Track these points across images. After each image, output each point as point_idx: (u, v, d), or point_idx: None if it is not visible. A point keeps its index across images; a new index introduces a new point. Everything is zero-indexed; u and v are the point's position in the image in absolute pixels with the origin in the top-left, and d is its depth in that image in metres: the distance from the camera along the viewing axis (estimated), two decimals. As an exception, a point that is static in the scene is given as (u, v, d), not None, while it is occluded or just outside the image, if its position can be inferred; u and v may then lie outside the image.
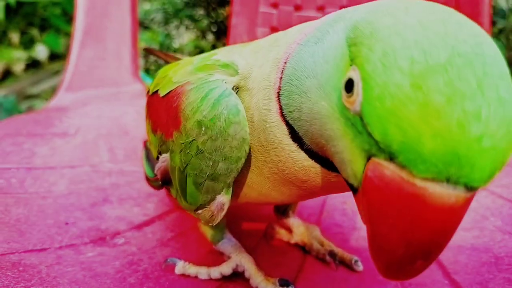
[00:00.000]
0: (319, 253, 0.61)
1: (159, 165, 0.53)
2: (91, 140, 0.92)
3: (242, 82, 0.46)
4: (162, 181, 0.56)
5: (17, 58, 3.05)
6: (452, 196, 0.27)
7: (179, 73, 0.51)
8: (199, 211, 0.48)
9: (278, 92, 0.41)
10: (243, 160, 0.43)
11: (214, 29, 1.98)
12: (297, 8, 1.25)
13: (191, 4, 1.89)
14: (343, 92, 0.31)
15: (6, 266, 0.54)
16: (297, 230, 0.65)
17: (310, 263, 0.61)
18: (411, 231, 0.28)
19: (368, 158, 0.30)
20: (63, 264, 0.57)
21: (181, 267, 0.57)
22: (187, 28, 2.00)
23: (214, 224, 0.49)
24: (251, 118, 0.44)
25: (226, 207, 0.47)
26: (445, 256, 0.62)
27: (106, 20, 1.27)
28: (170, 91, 0.50)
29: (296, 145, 0.40)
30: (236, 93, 0.45)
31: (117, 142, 0.93)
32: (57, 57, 3.08)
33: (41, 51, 3.19)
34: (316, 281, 0.57)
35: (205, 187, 0.45)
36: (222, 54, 0.52)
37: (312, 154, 0.40)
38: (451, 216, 0.28)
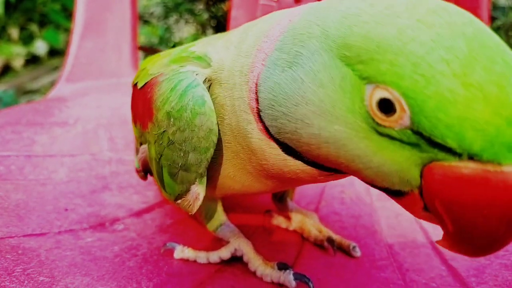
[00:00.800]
0: (317, 239, 0.62)
1: (140, 156, 0.54)
2: (91, 130, 0.92)
3: (215, 75, 0.45)
4: (144, 172, 0.57)
5: (17, 53, 3.05)
6: None
7: (156, 65, 0.52)
8: (178, 201, 0.49)
9: (257, 113, 0.40)
10: (211, 150, 0.43)
11: (213, 24, 1.98)
12: (297, 0, 1.25)
13: (191, -2, 1.90)
14: (377, 113, 0.31)
15: (6, 249, 0.54)
16: (295, 217, 0.65)
17: (308, 249, 0.61)
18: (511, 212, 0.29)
19: (427, 162, 0.31)
20: (62, 248, 0.57)
21: (180, 251, 0.57)
22: (186, 22, 2.00)
23: (192, 213, 0.49)
24: (229, 120, 0.44)
25: (201, 197, 0.47)
26: (443, 243, 0.62)
27: (107, 12, 1.27)
28: (146, 83, 0.50)
29: (289, 156, 0.40)
30: (209, 86, 0.45)
31: (117, 132, 0.93)
32: (57, 52, 3.08)
33: (40, 47, 3.19)
34: (314, 266, 0.57)
35: (180, 177, 0.46)
36: (199, 45, 0.52)
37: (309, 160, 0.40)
38: None
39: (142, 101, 0.50)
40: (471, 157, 0.28)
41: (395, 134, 0.31)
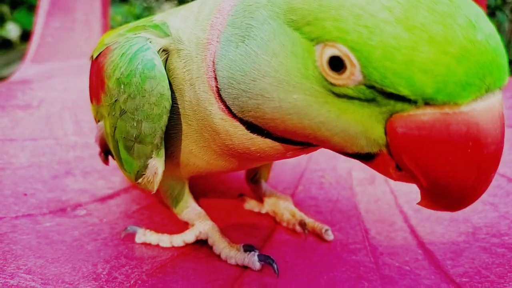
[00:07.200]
0: (289, 223, 0.64)
1: (97, 134, 0.56)
2: (56, 113, 0.94)
3: (173, 46, 0.47)
4: (104, 153, 0.59)
5: (-14, 38, 3.04)
6: (496, 102, 0.31)
7: (112, 36, 0.54)
8: (139, 180, 0.51)
9: (217, 92, 0.42)
10: (165, 117, 0.45)
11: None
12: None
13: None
14: (329, 72, 0.33)
15: (-43, 233, 0.56)
16: (268, 200, 0.68)
17: (279, 232, 0.64)
18: (478, 152, 0.31)
19: (388, 117, 0.33)
20: (18, 232, 0.59)
21: (142, 235, 0.59)
22: (166, 0, 2.01)
23: (154, 191, 0.51)
24: (189, 96, 0.46)
25: (160, 172, 0.49)
26: (421, 227, 0.65)
27: (75, -12, 1.29)
28: (99, 53, 0.52)
29: (256, 135, 0.43)
30: (167, 57, 0.47)
31: (83, 115, 0.95)
32: (30, 36, 3.07)
33: (12, 30, 3.18)
34: (283, 249, 0.60)
35: (136, 151, 0.48)
36: (163, 14, 0.54)
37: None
38: (501, 118, 0.32)
39: (95, 72, 0.53)
40: (427, 103, 0.30)
41: (351, 93, 0.33)
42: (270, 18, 0.36)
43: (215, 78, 0.42)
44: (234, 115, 0.42)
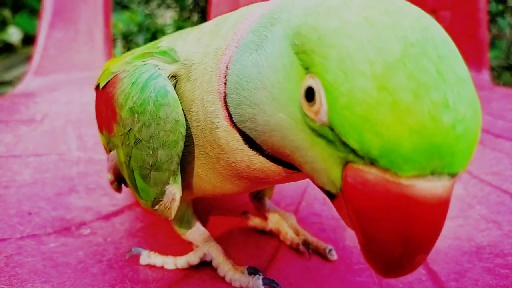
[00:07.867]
0: (293, 242, 0.64)
1: (109, 164, 0.56)
2: (59, 127, 0.95)
3: (182, 71, 0.48)
4: (117, 181, 0.59)
5: (-13, 41, 3.05)
6: (439, 187, 0.29)
7: (118, 64, 0.54)
8: (156, 207, 0.51)
9: (224, 98, 0.43)
10: (181, 143, 0.45)
11: (198, 9, 1.99)
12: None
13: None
14: (304, 101, 0.33)
15: (-37, 256, 0.57)
16: (272, 218, 0.68)
17: (283, 252, 0.64)
18: (407, 229, 0.30)
19: (345, 163, 0.32)
20: (23, 254, 0.59)
21: (146, 256, 0.59)
22: (169, 7, 2.01)
23: (171, 217, 0.52)
24: (197, 114, 0.46)
25: (177, 197, 0.49)
26: (425, 245, 0.65)
27: (78, -2, 1.29)
28: (107, 82, 0.52)
29: (252, 150, 0.43)
30: (175, 82, 0.48)
31: (87, 129, 0.96)
32: (32, 40, 3.07)
33: (13, 34, 3.18)
34: (287, 270, 0.60)
35: (152, 179, 0.48)
36: (169, 39, 0.54)
37: (271, 157, 0.42)
38: (442, 206, 0.31)
39: (105, 102, 0.53)
40: (372, 163, 0.30)
41: (318, 129, 0.33)
42: (282, 36, 0.37)
43: (225, 84, 0.43)
44: (234, 125, 0.43)
